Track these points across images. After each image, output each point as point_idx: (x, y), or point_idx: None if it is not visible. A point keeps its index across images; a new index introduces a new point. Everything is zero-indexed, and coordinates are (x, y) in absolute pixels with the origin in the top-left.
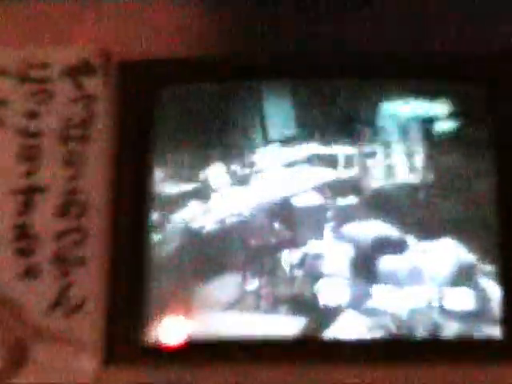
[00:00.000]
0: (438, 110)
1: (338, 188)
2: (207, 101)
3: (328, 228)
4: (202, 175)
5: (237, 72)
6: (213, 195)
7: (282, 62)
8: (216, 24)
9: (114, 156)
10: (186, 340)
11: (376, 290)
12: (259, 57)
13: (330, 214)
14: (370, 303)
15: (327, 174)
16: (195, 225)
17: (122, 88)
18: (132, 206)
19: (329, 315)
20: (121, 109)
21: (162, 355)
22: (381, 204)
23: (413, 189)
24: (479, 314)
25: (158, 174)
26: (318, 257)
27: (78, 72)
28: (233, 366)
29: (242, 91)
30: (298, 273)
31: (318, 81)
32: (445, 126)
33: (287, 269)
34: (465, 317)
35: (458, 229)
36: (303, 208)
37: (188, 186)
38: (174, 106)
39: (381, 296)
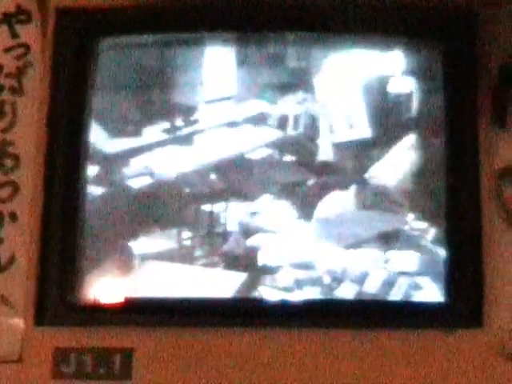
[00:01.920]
0: (391, 66)
1: (282, 146)
2: (148, 53)
3: (270, 185)
4: (142, 131)
5: (179, 23)
6: (153, 152)
7: (226, 13)
8: None
9: (49, 108)
10: (121, 299)
11: (318, 248)
12: (203, 8)
13: (272, 171)
14: (311, 261)
15: (272, 133)
16: (132, 181)
17: (59, 37)
18: (66, 160)
19: (266, 272)
20: (57, 59)
21: (96, 315)
22: (329, 163)
23: (361, 148)
24: (423, 278)
25: (96, 128)
26: (256, 213)
27: (13, 19)
28: (170, 327)
29: (185, 44)
30: (236, 228)
31: (264, 35)
32: (398, 82)
33: (225, 225)
34: (409, 280)
35: (405, 190)
36: (244, 165)
37: (128, 142)
38: (112, 57)
39: (322, 255)
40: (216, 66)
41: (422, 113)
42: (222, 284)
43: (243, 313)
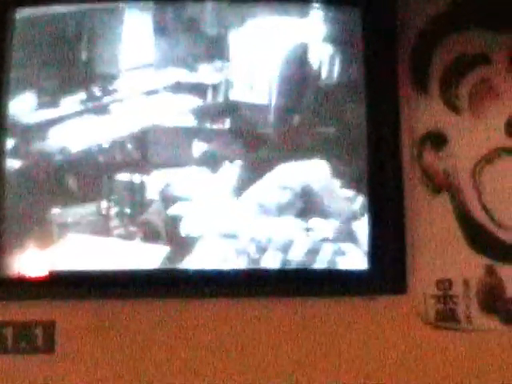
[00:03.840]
0: (310, 32)
1: (201, 115)
2: (65, 23)
3: (190, 154)
4: (60, 102)
5: None
6: (70, 122)
7: None
8: None
9: None
10: (42, 273)
11: (242, 218)
12: None
13: (192, 140)
14: (233, 230)
15: (191, 101)
16: (50, 152)
17: None
18: None
19: (189, 242)
20: None
21: (16, 289)
22: (248, 130)
23: (279, 114)
24: (347, 245)
25: (13, 100)
26: (178, 182)
27: None
28: (92, 299)
29: (102, 13)
30: (156, 198)
31: (181, 2)
32: (317, 49)
33: (145, 194)
34: (333, 247)
35: (328, 153)
36: (163, 134)
37: (45, 113)
38: (29, 28)
39: (246, 224)
40: (134, 35)
41: (342, 79)
42: (145, 255)
43: (166, 283)
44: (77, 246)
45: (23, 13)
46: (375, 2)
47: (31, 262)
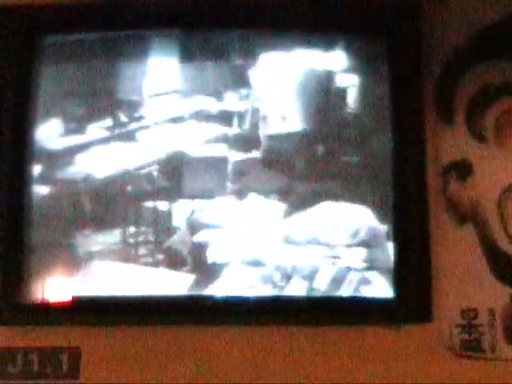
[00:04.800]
0: (335, 62)
1: (228, 143)
2: (92, 50)
3: (216, 182)
4: (86, 128)
5: (123, 21)
6: (97, 149)
7: (170, 10)
8: None
9: None
10: (67, 299)
11: (268, 244)
12: (146, 6)
13: (219, 167)
14: (258, 257)
15: (217, 129)
16: (77, 179)
17: (3, 34)
18: (10, 158)
19: (215, 269)
20: (1, 56)
21: (43, 314)
22: (274, 159)
23: (306, 143)
24: (373, 273)
25: (41, 125)
26: (205, 209)
27: None
28: (118, 325)
29: (129, 40)
30: (183, 225)
31: (207, 31)
32: (342, 79)
33: (171, 221)
34: (358, 275)
35: (354, 186)
36: (190, 161)
37: (72, 139)
38: (57, 54)
39: (271, 251)
40: (160, 62)
41: (367, 109)
42: (171, 282)
43: (193, 310)
44: (102, 273)
45: (50, 39)
46: (400, 33)
47: (57, 288)
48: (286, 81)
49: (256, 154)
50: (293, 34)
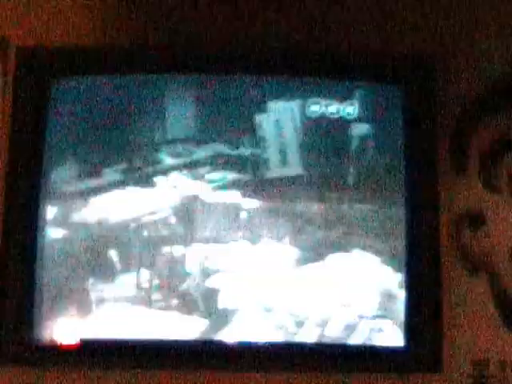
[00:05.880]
0: (350, 111)
1: (241, 188)
2: (108, 94)
3: (230, 228)
4: (101, 172)
5: (139, 63)
6: (112, 193)
7: (185, 56)
8: (124, 14)
9: (8, 147)
10: (78, 340)
11: (280, 291)
12: (162, 51)
13: (233, 213)
14: (271, 304)
15: (231, 175)
16: (91, 222)
17: (19, 75)
18: (25, 200)
19: (227, 315)
20: (17, 97)
21: (53, 355)
22: (288, 205)
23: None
24: (385, 322)
25: (54, 168)
26: (217, 254)
27: None
28: (127, 369)
29: (145, 84)
30: (196, 270)
31: (223, 77)
32: (357, 127)
33: (185, 266)
34: (370, 323)
35: (367, 234)
36: (204, 207)
37: (87, 183)
38: (73, 97)
39: (283, 298)
40: (176, 107)
41: (381, 157)
42: (182, 326)
43: (204, 356)
44: (114, 317)
45: (64, 82)
46: (415, 83)
47: (67, 330)
48: (300, 128)
49: (269, 199)
50: (308, 79)
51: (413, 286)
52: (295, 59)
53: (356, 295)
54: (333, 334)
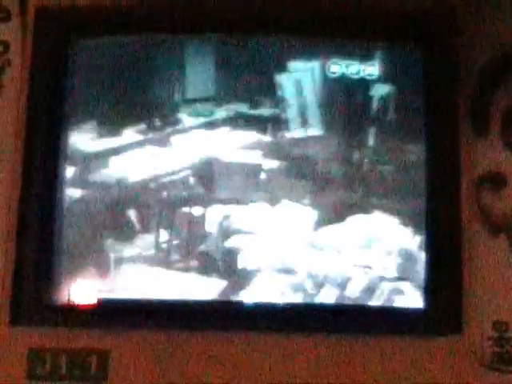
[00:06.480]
0: (371, 71)
1: (262, 149)
2: (127, 54)
3: (250, 188)
4: (120, 132)
5: (158, 24)
6: (132, 153)
7: (205, 15)
8: None
9: (27, 108)
10: (97, 301)
11: (300, 252)
12: (181, 11)
13: (253, 174)
14: (290, 265)
15: (251, 136)
16: (110, 183)
17: (38, 36)
18: (44, 160)
19: (246, 276)
20: (36, 58)
21: (72, 316)
22: (308, 166)
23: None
24: (405, 284)
25: (74, 129)
26: (237, 215)
27: None
28: (147, 328)
29: (164, 44)
30: (215, 230)
31: (243, 37)
32: (378, 87)
33: (204, 226)
34: (390, 285)
35: (387, 196)
36: (224, 167)
37: (106, 143)
38: (92, 57)
39: (303, 259)
40: (195, 67)
41: (402, 119)
42: (201, 287)
43: (222, 316)
44: (132, 277)
45: (85, 42)
46: (437, 42)
47: (86, 290)
48: (320, 88)
49: (290, 160)
50: (328, 40)
51: (433, 248)
52: (315, 19)
53: (376, 257)
54: (352, 295)
